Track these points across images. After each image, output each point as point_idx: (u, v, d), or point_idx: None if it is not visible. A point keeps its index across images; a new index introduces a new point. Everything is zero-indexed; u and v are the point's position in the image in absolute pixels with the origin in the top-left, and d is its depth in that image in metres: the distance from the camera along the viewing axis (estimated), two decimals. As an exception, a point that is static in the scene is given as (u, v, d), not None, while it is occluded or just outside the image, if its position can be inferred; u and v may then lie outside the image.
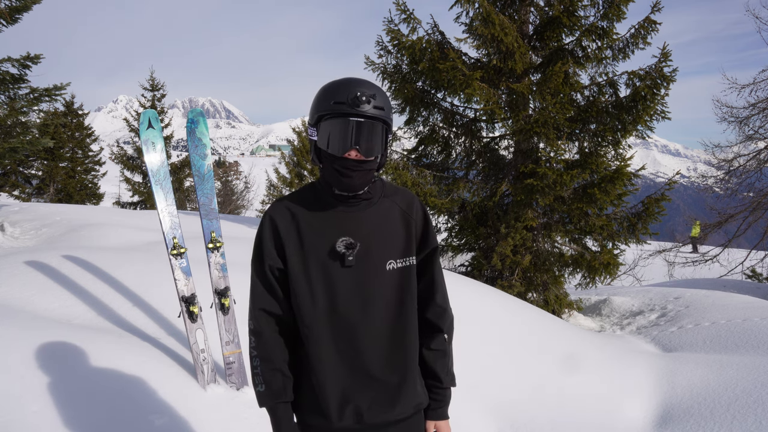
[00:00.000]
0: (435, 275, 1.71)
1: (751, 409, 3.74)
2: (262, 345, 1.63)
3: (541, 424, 3.96)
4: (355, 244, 1.58)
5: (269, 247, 1.62)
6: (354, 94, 1.52)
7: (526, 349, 4.92)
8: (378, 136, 1.56)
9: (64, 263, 4.30)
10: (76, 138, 23.27)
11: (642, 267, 12.40)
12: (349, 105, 1.51)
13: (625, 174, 7.19)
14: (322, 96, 1.57)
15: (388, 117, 1.58)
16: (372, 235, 1.61)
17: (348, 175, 1.55)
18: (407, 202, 1.70)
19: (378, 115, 1.54)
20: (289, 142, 20.45)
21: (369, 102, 1.53)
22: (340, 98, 1.52)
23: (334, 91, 1.55)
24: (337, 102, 1.53)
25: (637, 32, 7.55)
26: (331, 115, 1.54)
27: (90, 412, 2.51)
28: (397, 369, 1.63)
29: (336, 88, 1.56)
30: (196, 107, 3.74)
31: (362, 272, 1.59)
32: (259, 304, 1.64)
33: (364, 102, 1.52)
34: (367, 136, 1.54)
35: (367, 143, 1.54)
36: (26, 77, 8.50)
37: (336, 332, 1.59)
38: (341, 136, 1.53)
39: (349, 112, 1.52)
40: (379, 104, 1.55)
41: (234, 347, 3.36)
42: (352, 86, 1.54)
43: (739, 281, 13.33)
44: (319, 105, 1.56)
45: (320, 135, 1.56)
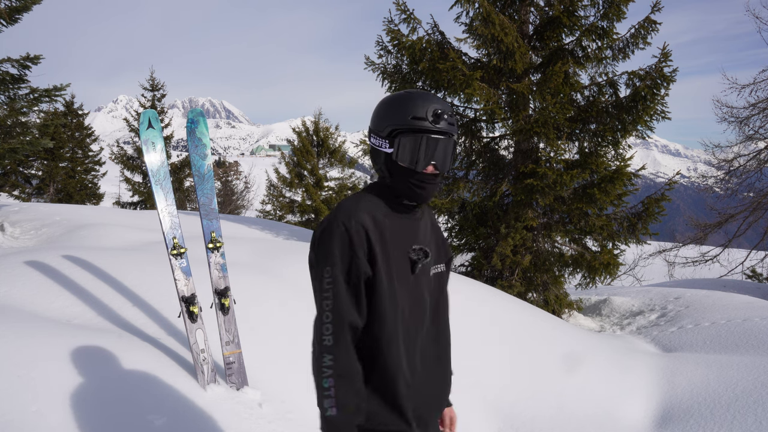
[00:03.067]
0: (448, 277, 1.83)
1: (752, 409, 3.74)
2: (341, 361, 1.49)
3: (541, 424, 3.96)
4: (427, 252, 1.64)
5: (360, 254, 1.52)
6: (434, 110, 1.55)
7: (526, 349, 4.92)
8: (454, 150, 1.63)
9: (64, 263, 4.30)
10: (76, 138, 23.28)
11: (642, 267, 12.40)
12: (430, 122, 1.55)
13: (625, 174, 7.19)
14: (395, 108, 1.58)
15: (457, 131, 1.63)
16: (430, 241, 1.70)
17: (423, 188, 1.60)
18: (429, 210, 1.78)
19: (454, 132, 1.59)
20: (289, 142, 20.44)
21: (448, 119, 1.57)
22: (419, 113, 1.54)
23: (409, 105, 1.56)
24: (416, 117, 1.55)
25: (637, 32, 7.55)
26: (411, 131, 1.55)
27: (90, 412, 2.51)
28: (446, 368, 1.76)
29: (410, 102, 1.57)
30: (196, 107, 3.74)
31: (422, 280, 1.64)
32: (347, 316, 1.50)
33: (444, 120, 1.56)
34: (443, 152, 1.58)
35: (443, 159, 1.59)
36: (26, 77, 8.50)
37: (406, 339, 1.61)
38: (423, 153, 1.55)
39: (430, 129, 1.55)
40: (453, 121, 1.60)
41: (234, 347, 3.36)
42: (428, 102, 1.56)
43: (739, 281, 13.32)
44: (394, 118, 1.57)
45: (398, 149, 1.57)
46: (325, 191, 19.62)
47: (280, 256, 5.66)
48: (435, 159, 1.57)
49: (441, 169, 1.59)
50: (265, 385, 3.38)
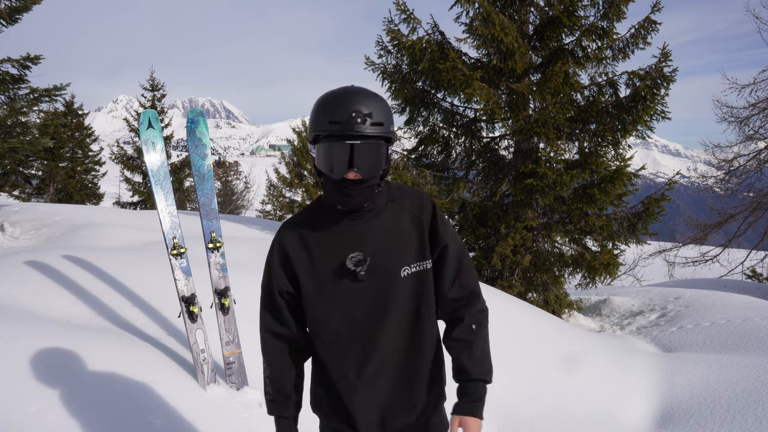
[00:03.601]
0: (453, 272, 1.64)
1: (752, 409, 3.74)
2: (270, 367, 1.69)
3: (541, 424, 3.96)
4: (365, 259, 1.56)
5: (279, 272, 1.62)
6: (349, 113, 1.44)
7: (526, 349, 4.92)
8: (378, 153, 1.49)
9: (64, 263, 4.30)
10: (76, 138, 23.28)
11: (642, 267, 12.40)
12: (345, 126, 1.44)
13: (625, 174, 7.19)
14: (317, 113, 1.50)
15: (388, 131, 1.50)
16: (382, 245, 1.58)
17: (348, 194, 1.51)
18: (417, 204, 1.64)
19: (376, 133, 1.47)
20: (289, 142, 20.45)
21: (365, 121, 1.45)
22: (336, 117, 1.45)
23: (328, 108, 1.47)
24: (333, 122, 1.45)
25: (637, 32, 7.55)
26: (328, 136, 1.47)
27: (89, 412, 2.50)
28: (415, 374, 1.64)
29: (330, 104, 1.48)
30: (196, 107, 3.74)
31: (376, 284, 1.57)
32: (265, 325, 1.68)
33: (359, 123, 1.44)
34: (365, 157, 1.47)
35: (365, 163, 1.47)
36: (26, 77, 8.50)
37: (356, 346, 1.59)
38: (338, 159, 1.46)
39: (345, 133, 1.44)
40: (378, 119, 1.47)
41: (234, 347, 3.36)
42: (348, 103, 1.45)
43: (739, 281, 13.32)
44: (316, 122, 1.50)
45: (318, 155, 1.51)
46: (325, 191, 19.62)
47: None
48: (354, 164, 1.45)
49: (365, 174, 1.48)
50: (265, 385, 3.38)
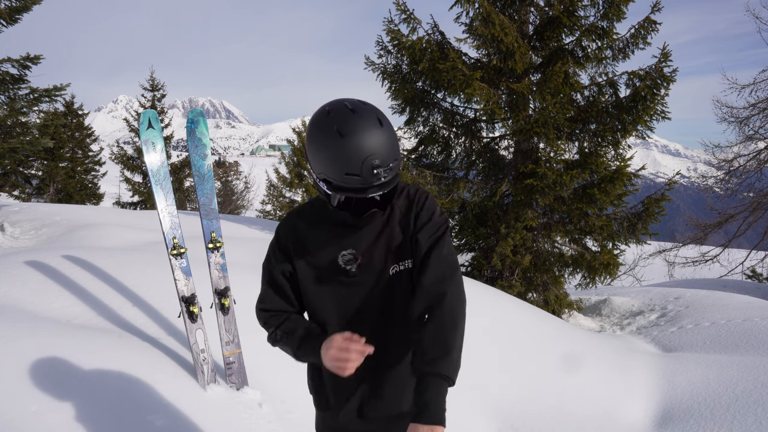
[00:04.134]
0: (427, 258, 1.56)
1: (752, 410, 3.74)
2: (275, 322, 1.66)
3: (541, 424, 3.96)
4: (357, 257, 1.58)
5: (279, 255, 1.64)
6: (368, 164, 1.37)
7: (526, 349, 4.92)
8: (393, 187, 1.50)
9: (64, 263, 4.30)
10: (76, 138, 23.28)
11: (642, 267, 12.40)
12: (365, 179, 1.39)
13: (625, 174, 7.19)
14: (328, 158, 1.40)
15: (398, 165, 1.46)
16: (374, 244, 1.59)
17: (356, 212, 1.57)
18: (408, 202, 1.62)
19: (395, 177, 1.44)
20: (289, 142, 20.45)
21: (387, 172, 1.40)
22: (353, 169, 1.37)
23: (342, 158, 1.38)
24: (350, 174, 1.38)
25: (637, 32, 7.55)
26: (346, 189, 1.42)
27: (90, 412, 2.50)
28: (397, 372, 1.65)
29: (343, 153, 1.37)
30: (196, 107, 3.74)
31: (367, 281, 1.59)
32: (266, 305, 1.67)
33: (380, 175, 1.39)
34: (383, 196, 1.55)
35: (382, 200, 1.56)
36: (26, 77, 8.50)
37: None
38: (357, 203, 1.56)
39: (361, 188, 1.40)
40: (394, 164, 1.42)
41: (234, 347, 3.36)
42: (363, 149, 1.36)
43: (739, 281, 13.32)
44: (327, 169, 1.41)
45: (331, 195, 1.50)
46: (325, 191, 19.61)
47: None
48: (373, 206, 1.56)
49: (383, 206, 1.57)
50: (265, 385, 3.38)
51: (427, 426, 1.36)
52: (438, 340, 1.45)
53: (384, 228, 1.61)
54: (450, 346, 1.45)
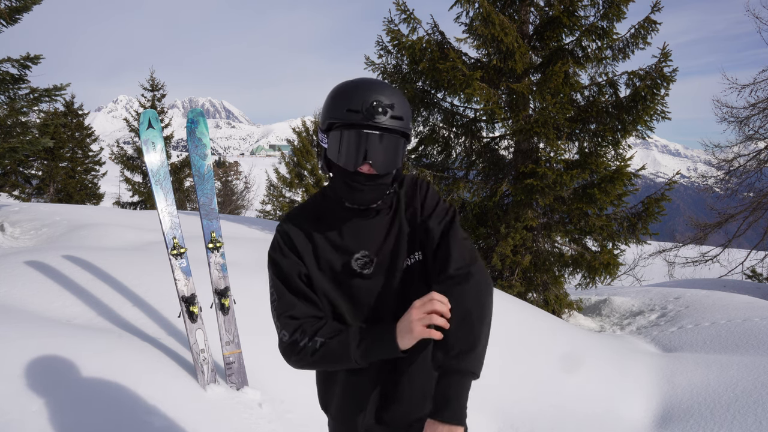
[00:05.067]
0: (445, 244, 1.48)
1: (752, 409, 3.74)
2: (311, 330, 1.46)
3: (541, 424, 3.96)
4: (371, 258, 1.49)
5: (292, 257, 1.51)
6: (369, 102, 1.36)
7: (527, 349, 4.92)
8: (394, 149, 1.41)
9: (64, 263, 4.30)
10: (76, 138, 23.30)
11: (642, 267, 12.40)
12: (364, 115, 1.36)
13: (625, 174, 7.19)
14: (334, 100, 1.42)
15: (407, 127, 1.43)
16: (386, 239, 1.51)
17: (359, 189, 1.43)
18: (411, 189, 1.56)
19: (396, 127, 1.39)
20: (289, 142, 20.46)
21: (386, 112, 1.37)
22: (354, 105, 1.37)
23: (348, 95, 1.39)
24: (351, 110, 1.37)
25: (637, 32, 7.55)
26: (344, 125, 1.39)
27: (90, 412, 2.50)
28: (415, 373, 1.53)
29: (350, 92, 1.40)
30: (196, 107, 3.74)
31: (383, 279, 1.50)
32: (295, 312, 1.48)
33: (380, 113, 1.36)
34: (382, 151, 1.39)
35: (381, 158, 1.40)
36: (26, 77, 8.51)
37: None
38: (353, 150, 1.38)
39: (363, 123, 1.37)
40: (398, 114, 1.40)
41: (234, 347, 3.36)
42: (369, 92, 1.38)
43: (739, 281, 13.32)
44: (331, 110, 1.41)
45: (330, 145, 1.43)
46: (325, 191, 19.64)
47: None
48: (369, 157, 1.38)
49: (379, 169, 1.40)
50: (265, 385, 3.38)
51: (446, 426, 1.30)
52: (464, 332, 1.36)
53: (393, 220, 1.52)
54: (477, 339, 1.37)
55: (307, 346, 1.43)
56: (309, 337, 1.43)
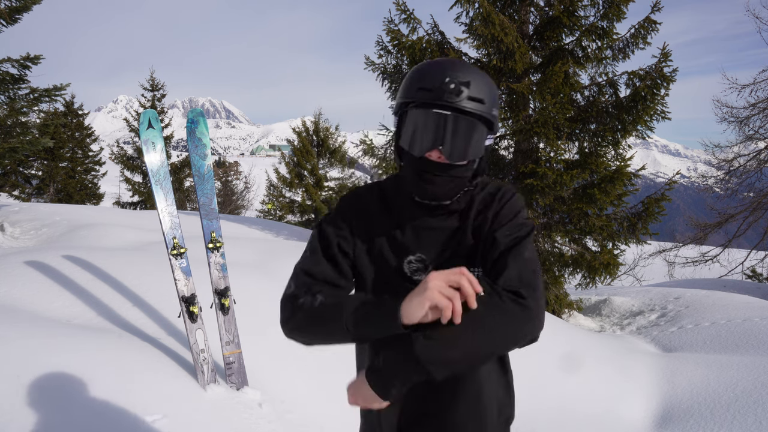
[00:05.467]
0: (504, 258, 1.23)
1: (751, 409, 3.74)
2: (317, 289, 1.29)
3: (541, 424, 3.96)
4: (427, 265, 1.30)
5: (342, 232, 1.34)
6: (442, 79, 1.20)
7: (526, 349, 4.91)
8: (470, 135, 1.23)
9: (64, 263, 4.30)
10: (76, 138, 23.30)
11: (642, 267, 12.39)
12: (436, 93, 1.20)
13: (625, 174, 7.19)
14: (408, 79, 1.27)
15: (488, 112, 1.24)
16: (447, 249, 1.32)
17: (429, 181, 1.25)
18: (489, 196, 1.35)
19: (472, 110, 1.21)
20: (289, 142, 20.45)
21: (460, 91, 1.20)
22: (427, 83, 1.22)
23: (422, 74, 1.25)
24: (423, 88, 1.22)
25: (637, 32, 7.56)
26: (415, 105, 1.24)
27: (90, 412, 2.50)
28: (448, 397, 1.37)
29: (425, 70, 1.25)
30: (196, 107, 3.74)
31: None
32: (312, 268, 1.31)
33: (452, 91, 1.19)
34: (453, 134, 1.21)
35: (453, 143, 1.22)
36: (26, 77, 8.51)
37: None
38: (421, 132, 1.23)
39: (433, 102, 1.21)
40: (476, 94, 1.22)
41: (234, 347, 3.36)
42: (444, 70, 1.22)
43: (739, 281, 13.32)
44: (405, 90, 1.27)
45: (399, 127, 1.30)
46: (325, 191, 19.64)
47: (280, 256, 5.67)
48: (439, 142, 1.21)
49: (451, 156, 1.22)
50: (265, 385, 3.38)
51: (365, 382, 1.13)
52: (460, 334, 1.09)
53: (460, 226, 1.33)
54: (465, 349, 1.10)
55: (305, 303, 1.25)
56: (312, 294, 1.26)
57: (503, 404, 1.42)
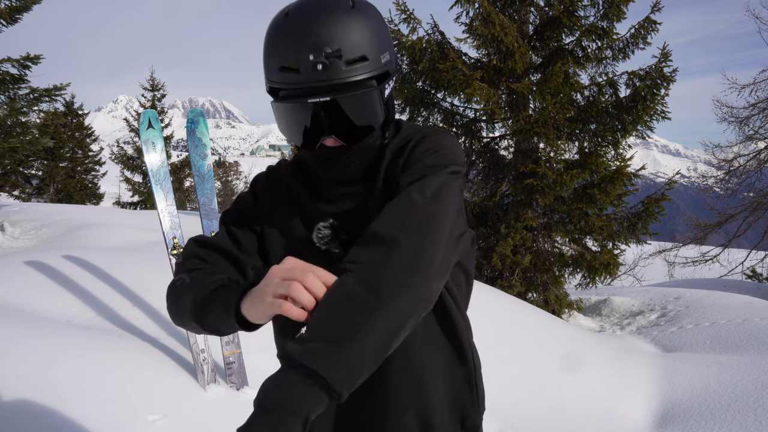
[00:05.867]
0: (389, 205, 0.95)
1: (751, 410, 3.74)
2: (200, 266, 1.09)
3: (541, 424, 3.96)
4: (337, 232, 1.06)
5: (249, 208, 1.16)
6: (306, 53, 0.93)
7: (526, 349, 4.92)
8: (364, 106, 0.99)
9: (64, 263, 4.30)
10: (76, 138, 23.31)
11: (642, 267, 12.39)
12: (304, 76, 0.95)
13: (625, 174, 7.20)
14: (266, 51, 1.00)
15: (376, 66, 0.99)
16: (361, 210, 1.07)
17: (330, 166, 1.05)
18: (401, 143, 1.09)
19: (356, 77, 0.96)
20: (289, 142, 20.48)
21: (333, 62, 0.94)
22: (288, 60, 0.95)
23: (277, 43, 0.97)
24: (285, 68, 0.96)
25: (637, 32, 7.56)
26: (285, 91, 0.99)
27: (90, 413, 2.50)
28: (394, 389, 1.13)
29: (280, 38, 0.97)
30: (196, 107, 3.74)
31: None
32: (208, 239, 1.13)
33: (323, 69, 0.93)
34: (342, 118, 0.98)
35: (348, 124, 0.99)
36: (26, 77, 8.51)
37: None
38: (301, 126, 1.01)
39: (305, 86, 0.95)
40: (355, 53, 0.95)
41: (234, 347, 3.36)
42: (304, 34, 0.94)
43: (739, 281, 13.32)
44: (266, 69, 1.01)
45: (276, 119, 1.05)
46: (325, 191, 19.66)
47: (280, 256, 5.65)
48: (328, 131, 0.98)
49: (350, 139, 1.01)
50: (265, 385, 3.38)
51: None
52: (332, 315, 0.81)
53: (372, 185, 1.08)
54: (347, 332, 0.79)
55: (176, 283, 1.07)
56: (187, 271, 1.07)
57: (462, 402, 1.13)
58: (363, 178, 1.09)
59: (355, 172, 1.07)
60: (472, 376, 1.15)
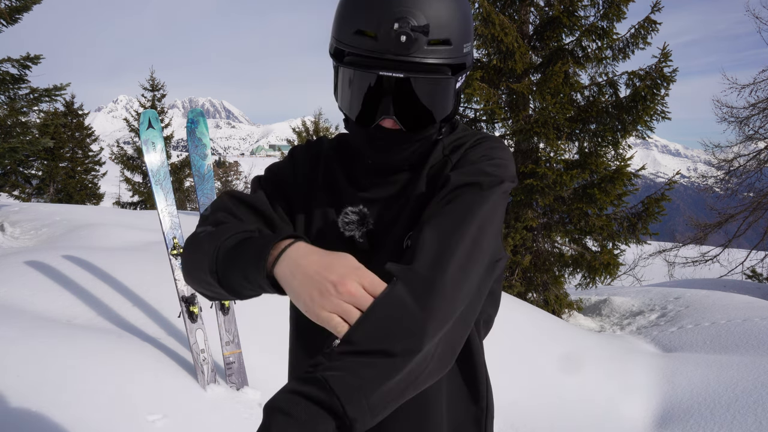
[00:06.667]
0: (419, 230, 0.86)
1: (751, 410, 3.74)
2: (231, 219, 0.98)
3: (541, 424, 3.96)
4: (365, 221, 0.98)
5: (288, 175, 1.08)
6: (390, 22, 0.85)
7: (526, 349, 4.92)
8: (435, 94, 0.92)
9: (64, 263, 4.30)
10: (76, 138, 23.29)
11: (642, 267, 12.39)
12: (381, 43, 0.86)
13: (625, 174, 7.20)
14: (342, 9, 0.93)
15: (458, 53, 0.91)
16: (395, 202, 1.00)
17: (381, 149, 0.96)
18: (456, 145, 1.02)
19: (434, 60, 0.88)
20: (289, 142, 20.46)
21: (416, 40, 0.85)
22: (367, 24, 0.87)
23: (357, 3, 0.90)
24: (360, 32, 0.88)
25: (637, 32, 7.56)
26: (355, 56, 0.90)
27: (90, 412, 2.50)
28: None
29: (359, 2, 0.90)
30: (196, 107, 3.74)
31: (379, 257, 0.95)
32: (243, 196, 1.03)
33: (405, 43, 0.85)
34: (410, 101, 0.91)
35: (413, 111, 0.92)
36: (26, 77, 8.52)
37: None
38: (364, 98, 0.92)
39: (380, 57, 0.87)
40: (440, 35, 0.88)
41: (234, 347, 3.36)
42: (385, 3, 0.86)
43: (739, 281, 13.32)
44: (338, 27, 0.93)
45: (337, 84, 0.97)
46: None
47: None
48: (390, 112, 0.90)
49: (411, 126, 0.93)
50: (265, 385, 3.38)
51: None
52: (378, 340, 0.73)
53: (414, 179, 1.00)
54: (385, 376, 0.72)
55: (198, 234, 0.95)
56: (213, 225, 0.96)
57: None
58: (407, 170, 1.02)
59: (402, 161, 0.99)
60: (483, 417, 1.08)
